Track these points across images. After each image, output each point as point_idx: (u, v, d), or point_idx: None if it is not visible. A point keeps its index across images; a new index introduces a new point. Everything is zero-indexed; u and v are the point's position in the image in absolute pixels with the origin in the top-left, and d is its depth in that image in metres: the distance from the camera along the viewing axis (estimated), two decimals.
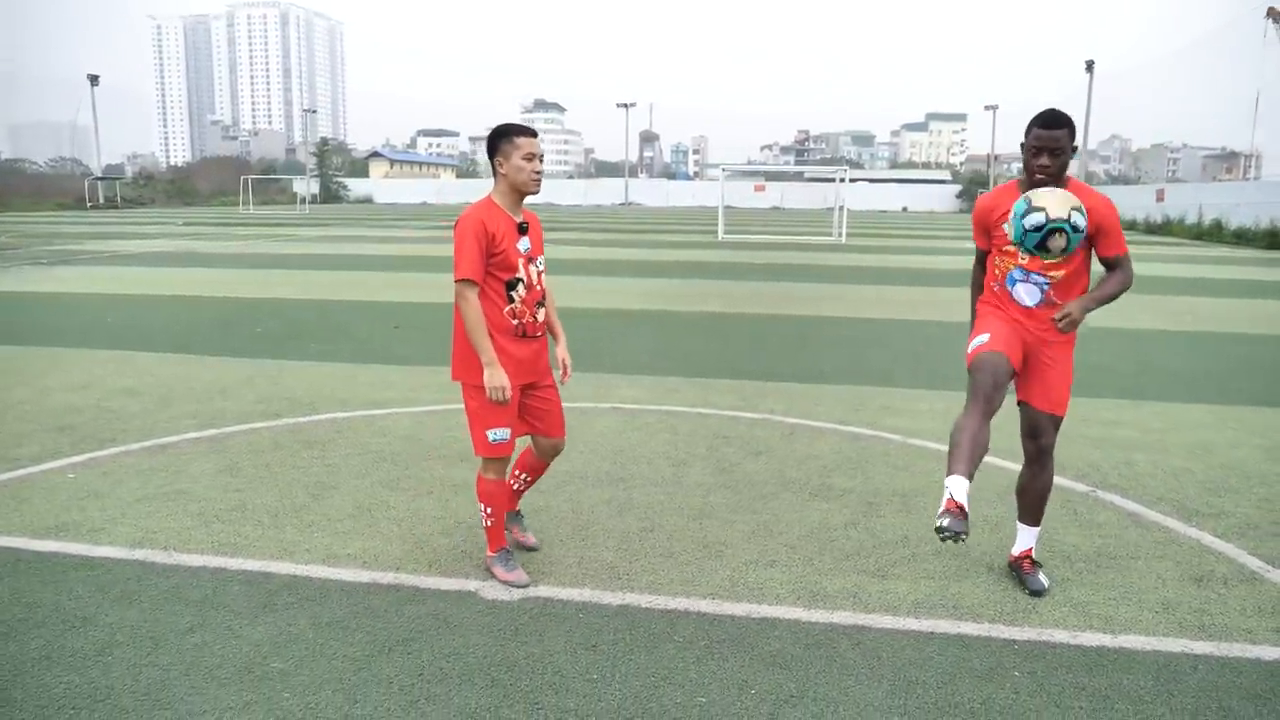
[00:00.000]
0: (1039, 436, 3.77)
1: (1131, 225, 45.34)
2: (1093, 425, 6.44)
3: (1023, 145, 3.62)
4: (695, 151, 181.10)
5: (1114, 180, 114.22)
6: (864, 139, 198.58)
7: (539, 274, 3.73)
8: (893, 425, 6.37)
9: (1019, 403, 3.82)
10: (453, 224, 3.59)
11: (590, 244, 26.68)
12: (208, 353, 8.87)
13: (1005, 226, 3.64)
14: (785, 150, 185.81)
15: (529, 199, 3.73)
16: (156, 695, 2.92)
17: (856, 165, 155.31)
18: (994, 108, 74.28)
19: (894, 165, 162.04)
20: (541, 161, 3.65)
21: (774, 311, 12.56)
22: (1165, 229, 39.88)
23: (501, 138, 3.61)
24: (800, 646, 3.30)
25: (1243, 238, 31.94)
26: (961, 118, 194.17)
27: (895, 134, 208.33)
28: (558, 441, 3.95)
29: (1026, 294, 3.68)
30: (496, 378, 3.50)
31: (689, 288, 15.42)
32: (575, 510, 4.63)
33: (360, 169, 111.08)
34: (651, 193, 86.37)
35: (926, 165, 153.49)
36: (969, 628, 3.47)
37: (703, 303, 13.32)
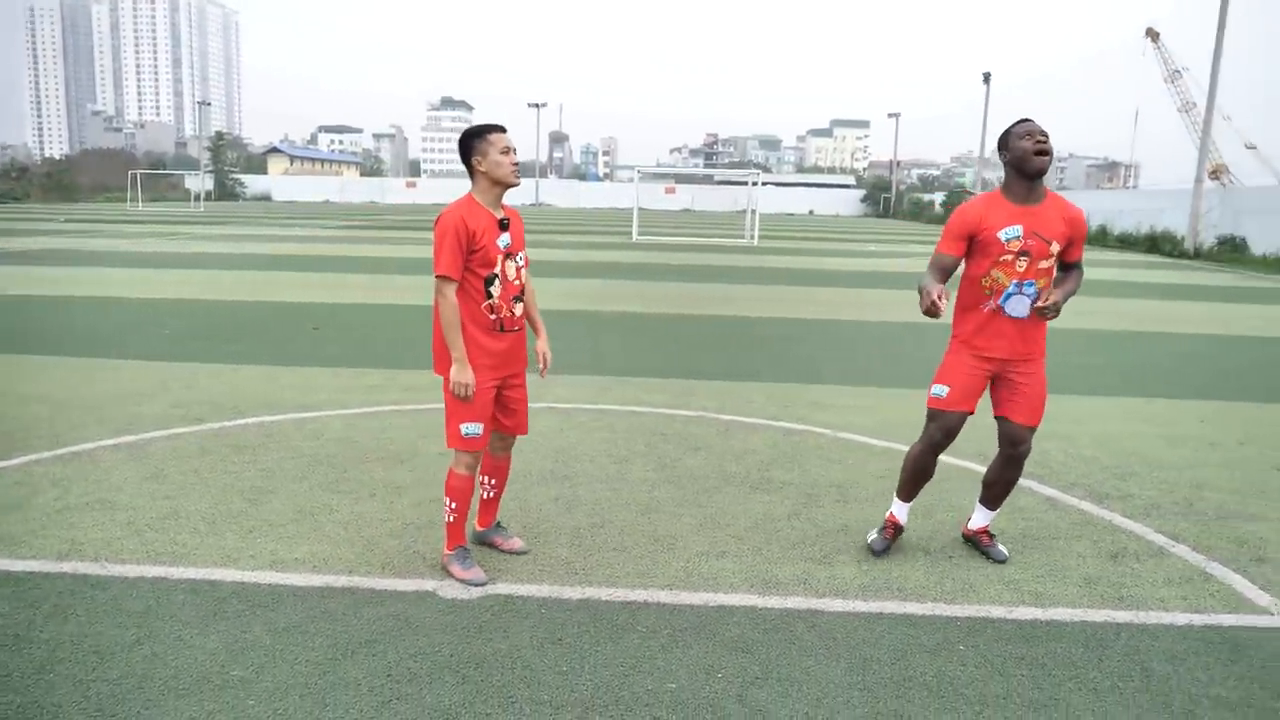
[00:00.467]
0: (1018, 444, 3.99)
1: None
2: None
3: (1006, 152, 3.76)
4: (605, 153, 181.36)
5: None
6: (771, 143, 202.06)
7: (518, 269, 3.77)
8: (823, 420, 6.57)
9: (998, 417, 4.02)
10: (432, 223, 3.69)
11: None
12: (112, 356, 8.50)
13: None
14: (694, 153, 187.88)
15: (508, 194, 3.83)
16: (111, 710, 2.83)
17: (764, 169, 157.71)
18: (897, 115, 76.68)
19: (800, 169, 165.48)
20: (516, 154, 3.71)
21: (694, 311, 12.74)
22: None
23: (476, 138, 3.67)
24: (759, 631, 3.40)
25: (1126, 242, 33.76)
26: (865, 124, 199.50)
27: (801, 139, 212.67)
28: (517, 437, 4.06)
29: (1019, 307, 3.81)
30: (463, 374, 3.58)
31: (609, 288, 15.49)
32: (524, 509, 4.65)
33: (257, 165, 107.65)
34: (562, 194, 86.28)
35: (832, 170, 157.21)
36: (914, 607, 3.64)
37: (624, 303, 13.41)
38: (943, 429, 3.98)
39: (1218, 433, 6.54)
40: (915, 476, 4.14)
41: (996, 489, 4.15)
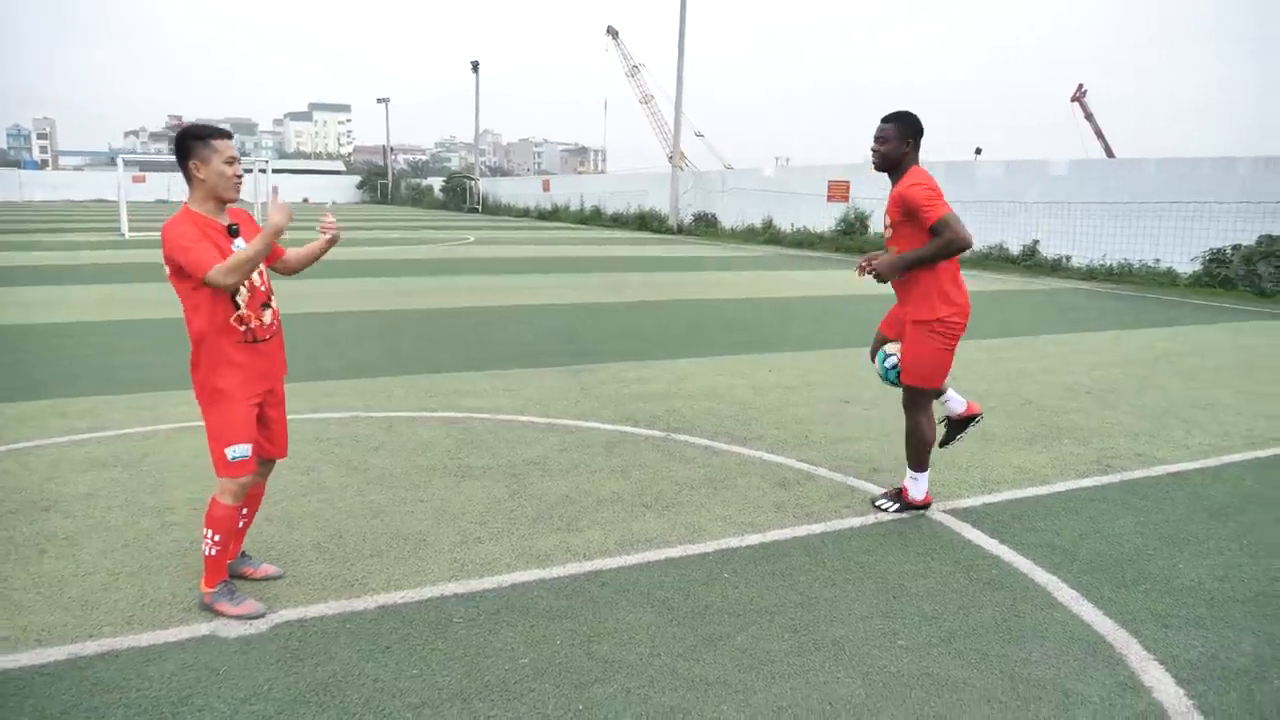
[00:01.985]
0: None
1: (525, 213, 50.79)
2: (630, 384, 7.68)
3: None
4: (41, 136, 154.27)
5: (493, 171, 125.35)
6: (245, 127, 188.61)
7: (262, 273, 3.54)
8: (473, 405, 6.83)
9: None
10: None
11: None
12: None
13: (879, 371, 4.81)
14: (156, 137, 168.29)
15: None
16: None
17: (242, 153, 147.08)
18: (386, 100, 76.53)
19: (282, 155, 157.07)
20: (240, 165, 3.46)
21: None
22: (554, 215, 45.49)
23: (197, 140, 3.33)
24: (562, 598, 3.69)
25: (619, 221, 38.11)
26: (346, 109, 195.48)
27: (279, 123, 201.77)
28: (276, 461, 3.82)
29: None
30: (277, 216, 3.32)
31: (125, 292, 13.72)
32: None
33: None
34: None
35: (317, 155, 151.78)
36: (671, 551, 4.18)
37: (147, 309, 12.05)
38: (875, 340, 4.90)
39: (785, 379, 8.10)
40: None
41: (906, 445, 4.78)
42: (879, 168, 4.52)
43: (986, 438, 6.19)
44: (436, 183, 70.16)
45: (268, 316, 3.55)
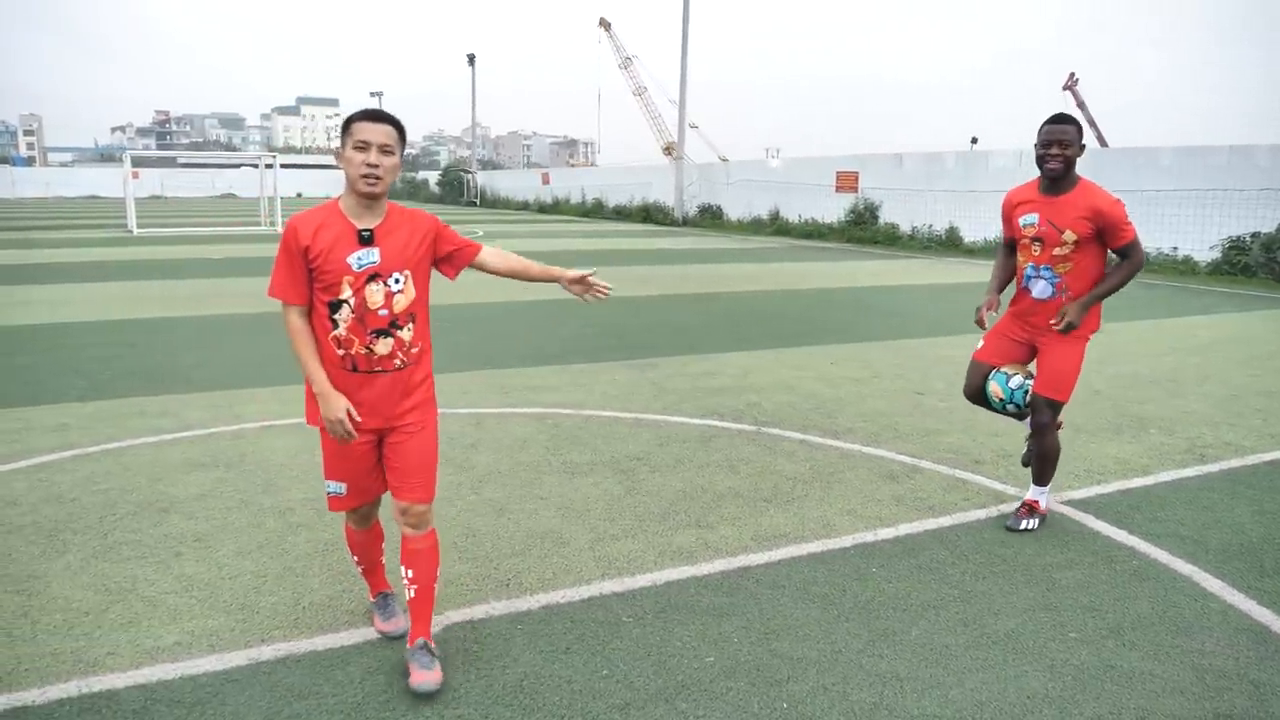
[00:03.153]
0: (1036, 413, 4.30)
1: (525, 206, 50.62)
2: (697, 378, 7.67)
3: (1035, 145, 4.10)
4: (28, 132, 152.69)
5: (483, 164, 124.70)
6: (233, 121, 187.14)
7: (389, 294, 2.89)
8: (553, 400, 6.81)
9: None
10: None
11: None
12: None
13: (1000, 397, 4.37)
14: (144, 132, 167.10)
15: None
16: None
17: (230, 148, 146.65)
18: (379, 94, 75.96)
19: (271, 149, 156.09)
20: (382, 153, 2.82)
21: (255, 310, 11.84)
22: (555, 208, 45.34)
23: (345, 124, 2.87)
24: (723, 595, 3.69)
25: (622, 214, 38.01)
26: (335, 102, 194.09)
27: (267, 117, 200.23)
28: (410, 506, 3.03)
29: (1038, 289, 4.21)
30: (331, 408, 2.85)
31: (155, 289, 13.63)
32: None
33: None
34: None
35: (307, 150, 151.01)
36: (812, 547, 4.18)
37: (191, 306, 11.98)
38: (967, 377, 4.50)
39: (851, 371, 8.10)
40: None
41: (1034, 463, 4.46)
42: (1058, 176, 4.05)
43: (1073, 429, 6.20)
44: (431, 176, 69.89)
45: (382, 347, 2.91)
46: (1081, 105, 59.60)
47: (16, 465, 5.21)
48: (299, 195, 77.28)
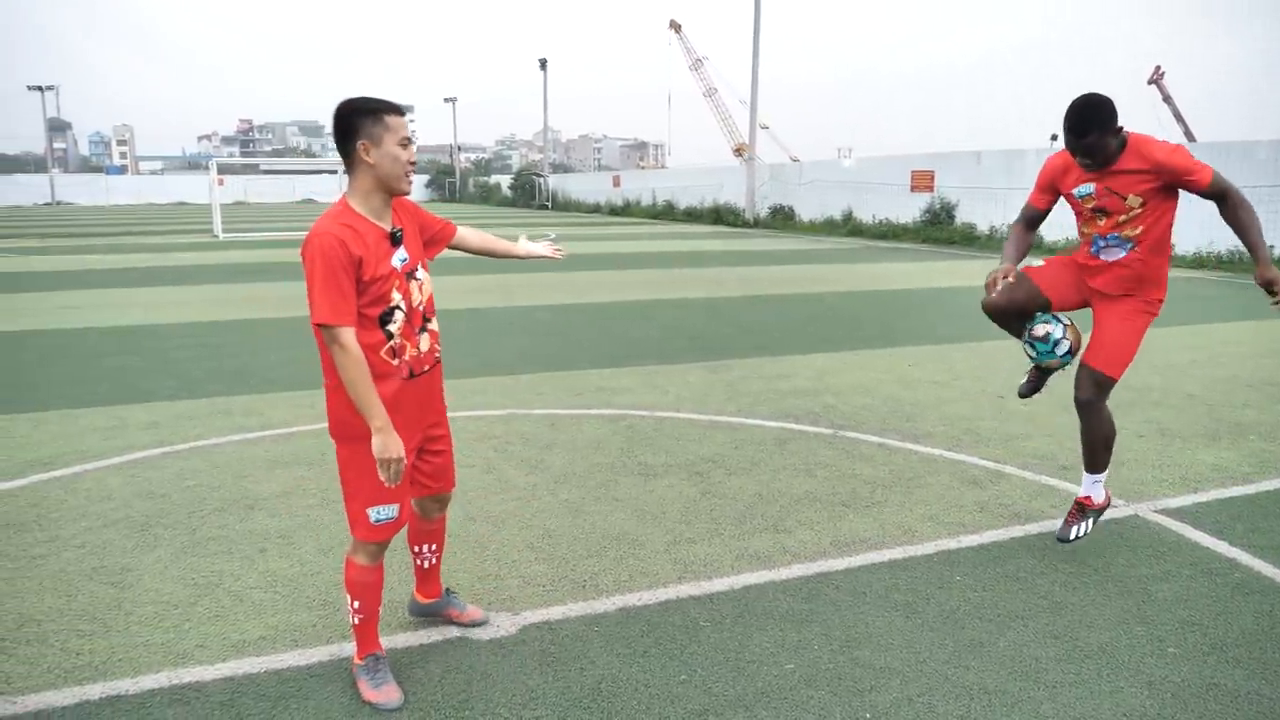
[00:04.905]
0: (1079, 389, 3.89)
1: (596, 209, 50.91)
2: (773, 380, 7.58)
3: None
4: (121, 142, 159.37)
5: (554, 167, 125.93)
6: (312, 129, 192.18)
7: (420, 285, 2.89)
8: (627, 402, 6.80)
9: None
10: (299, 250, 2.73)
11: (68, 251, 22.57)
12: None
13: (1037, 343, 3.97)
14: (228, 140, 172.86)
15: None
16: None
17: (310, 155, 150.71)
18: (453, 100, 77.49)
19: None
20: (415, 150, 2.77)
21: None
22: (625, 210, 45.49)
23: (367, 115, 2.69)
24: (801, 600, 3.62)
25: (693, 215, 37.94)
26: (410, 109, 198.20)
27: None
28: (449, 494, 3.23)
29: (1111, 254, 3.80)
30: (391, 448, 2.67)
31: (240, 292, 14.04)
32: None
33: None
34: (82, 190, 74.18)
35: None
36: (892, 553, 4.08)
37: (274, 309, 12.31)
38: (1004, 291, 3.82)
39: (930, 373, 7.92)
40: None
41: (1083, 448, 4.02)
42: (1089, 166, 3.68)
43: (1166, 435, 5.95)
44: (503, 180, 70.82)
45: (425, 342, 2.90)
46: (1168, 99, 57.49)
47: (112, 461, 5.40)
48: None
